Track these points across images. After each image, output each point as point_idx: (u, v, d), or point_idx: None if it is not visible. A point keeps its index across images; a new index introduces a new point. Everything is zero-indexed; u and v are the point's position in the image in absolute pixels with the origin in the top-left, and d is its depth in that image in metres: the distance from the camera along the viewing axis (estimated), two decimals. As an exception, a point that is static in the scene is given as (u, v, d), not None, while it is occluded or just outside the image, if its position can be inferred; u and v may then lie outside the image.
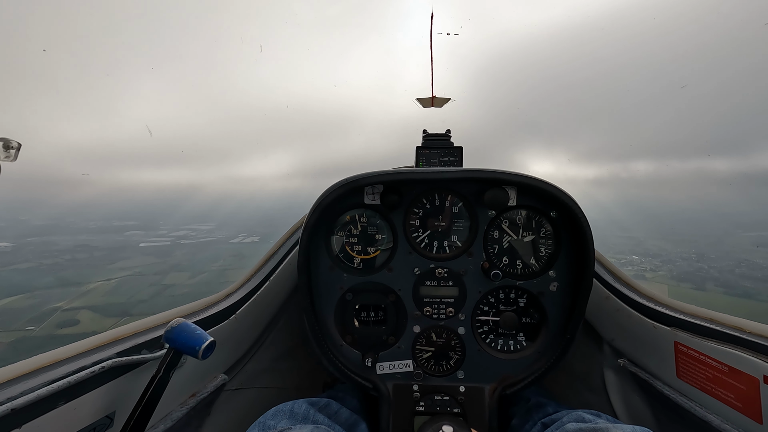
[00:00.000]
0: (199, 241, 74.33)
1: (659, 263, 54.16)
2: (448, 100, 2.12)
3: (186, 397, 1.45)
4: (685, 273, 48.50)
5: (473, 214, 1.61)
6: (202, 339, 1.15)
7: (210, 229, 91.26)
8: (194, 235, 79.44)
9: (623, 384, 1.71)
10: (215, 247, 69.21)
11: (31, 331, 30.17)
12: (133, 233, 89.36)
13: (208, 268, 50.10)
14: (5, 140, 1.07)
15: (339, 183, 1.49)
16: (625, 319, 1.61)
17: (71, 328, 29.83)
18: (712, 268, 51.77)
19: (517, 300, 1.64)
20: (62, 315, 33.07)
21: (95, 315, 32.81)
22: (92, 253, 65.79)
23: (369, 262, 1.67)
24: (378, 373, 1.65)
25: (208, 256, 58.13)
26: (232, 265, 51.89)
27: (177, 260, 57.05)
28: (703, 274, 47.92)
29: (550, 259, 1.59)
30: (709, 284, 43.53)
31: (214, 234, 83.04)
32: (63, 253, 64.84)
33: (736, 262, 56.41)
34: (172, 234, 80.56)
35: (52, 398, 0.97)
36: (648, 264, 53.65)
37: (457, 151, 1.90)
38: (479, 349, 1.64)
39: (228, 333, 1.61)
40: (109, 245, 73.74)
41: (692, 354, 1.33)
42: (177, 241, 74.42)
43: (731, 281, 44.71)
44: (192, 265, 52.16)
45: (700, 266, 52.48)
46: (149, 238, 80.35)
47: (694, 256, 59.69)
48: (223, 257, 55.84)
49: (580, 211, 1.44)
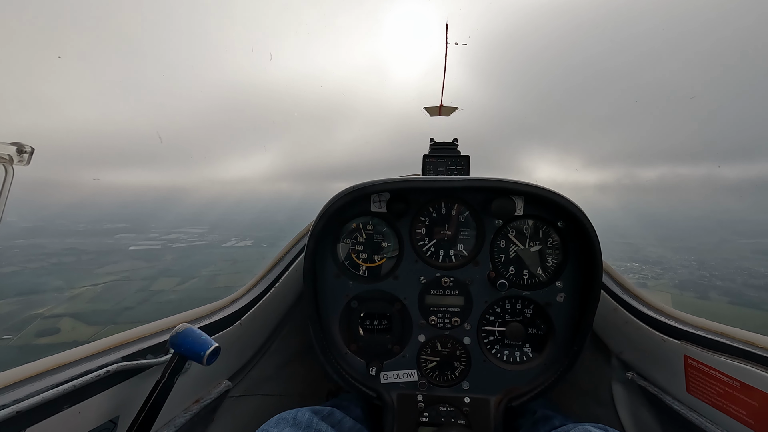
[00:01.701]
0: (191, 245, 72.98)
1: (660, 270, 53.62)
2: (455, 109, 2.10)
3: (190, 403, 1.46)
4: (687, 281, 47.89)
5: (480, 223, 1.62)
6: (207, 345, 1.15)
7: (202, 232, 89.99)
8: (186, 239, 78.15)
9: (632, 398, 1.71)
10: (207, 251, 67.89)
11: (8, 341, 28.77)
12: (123, 236, 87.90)
13: (198, 273, 48.78)
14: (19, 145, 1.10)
15: (346, 190, 1.50)
16: (634, 331, 1.60)
17: (51, 337, 28.51)
18: (713, 276, 51.21)
19: (523, 310, 1.64)
20: (42, 323, 31.76)
21: (77, 323, 31.50)
22: (80, 256, 64.35)
23: (375, 269, 1.68)
24: (382, 382, 1.65)
25: (200, 261, 56.82)
26: (224, 270, 50.67)
27: (167, 265, 55.69)
28: (705, 283, 47.33)
29: (557, 270, 1.60)
30: (712, 293, 42.90)
31: (206, 237, 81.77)
32: (49, 256, 63.33)
33: (737, 270, 56.04)
34: (164, 237, 79.22)
35: (57, 401, 0.98)
36: (649, 271, 53.07)
37: (464, 160, 1.90)
38: (485, 360, 1.64)
39: (233, 339, 1.61)
40: (98, 248, 72.18)
41: (703, 368, 1.32)
42: (168, 244, 73.02)
43: (734, 290, 44.15)
44: (182, 270, 50.89)
45: (701, 274, 51.91)
46: (139, 242, 78.89)
47: (695, 264, 59.22)
48: (215, 262, 54.54)
49: (588, 221, 1.45)
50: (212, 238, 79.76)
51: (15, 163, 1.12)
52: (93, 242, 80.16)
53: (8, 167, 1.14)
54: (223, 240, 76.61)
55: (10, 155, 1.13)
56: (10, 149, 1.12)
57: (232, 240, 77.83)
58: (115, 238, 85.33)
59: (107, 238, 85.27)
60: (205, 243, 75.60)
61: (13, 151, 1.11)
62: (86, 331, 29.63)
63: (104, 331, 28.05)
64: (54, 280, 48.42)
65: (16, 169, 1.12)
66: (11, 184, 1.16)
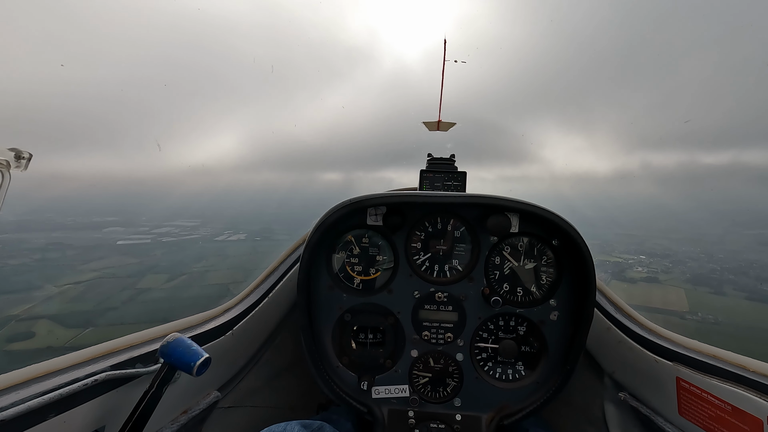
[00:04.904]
0: (182, 239, 70.63)
1: (669, 264, 52.06)
2: (453, 125, 2.13)
3: (177, 414, 1.45)
4: (699, 275, 46.42)
5: (475, 239, 1.65)
6: (198, 355, 1.16)
7: (194, 225, 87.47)
8: (177, 233, 75.88)
9: (624, 418, 1.72)
10: (199, 245, 65.60)
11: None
12: (112, 230, 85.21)
13: (189, 269, 46.59)
14: (16, 150, 1.11)
15: (343, 203, 1.52)
16: (627, 351, 1.62)
17: (24, 342, 26.40)
18: (725, 269, 49.72)
19: (517, 328, 1.66)
20: (16, 326, 29.74)
21: (54, 325, 29.40)
22: (65, 252, 61.78)
23: (369, 283, 1.69)
24: (373, 397, 1.66)
25: (191, 256, 54.63)
26: (216, 266, 48.56)
27: (156, 260, 53.47)
28: (717, 277, 45.90)
29: (551, 288, 1.62)
30: (727, 288, 41.40)
31: (198, 231, 79.33)
32: (33, 252, 60.81)
33: (746, 263, 54.66)
34: (154, 231, 76.75)
35: (43, 410, 0.98)
36: (657, 265, 51.41)
37: (461, 176, 1.93)
38: (477, 377, 1.65)
39: (224, 349, 1.62)
40: (85, 243, 69.62)
41: (694, 391, 1.34)
42: (158, 238, 70.60)
43: (749, 285, 42.69)
44: (172, 266, 48.77)
45: (712, 267, 50.43)
46: (129, 236, 76.35)
47: (704, 256, 57.76)
48: (206, 257, 52.41)
49: (582, 240, 1.47)
50: (204, 232, 77.41)
51: (12, 169, 1.12)
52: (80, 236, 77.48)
53: (5, 173, 1.14)
54: (216, 234, 74.33)
55: (8, 161, 1.13)
56: (8, 155, 1.13)
57: (224, 234, 75.55)
58: (103, 232, 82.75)
59: (95, 232, 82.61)
60: (197, 237, 73.27)
61: (11, 157, 1.11)
62: (63, 334, 27.64)
63: (83, 335, 26.06)
64: (34, 278, 46.10)
65: (13, 174, 1.13)
66: (8, 189, 1.16)
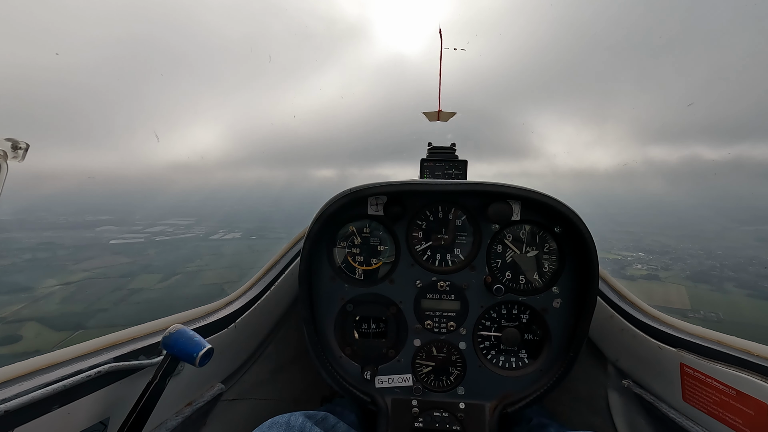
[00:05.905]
0: (176, 238, 69.58)
1: (669, 261, 51.85)
2: (453, 114, 2.11)
3: (182, 406, 1.46)
4: (699, 272, 46.24)
5: (477, 227, 1.64)
6: (200, 346, 1.15)
7: (189, 224, 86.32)
8: (171, 231, 74.81)
9: (628, 406, 1.72)
10: (193, 244, 64.61)
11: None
12: (105, 229, 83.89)
13: (183, 269, 45.70)
14: (13, 141, 1.10)
15: (343, 193, 1.52)
16: (630, 339, 1.62)
17: (10, 346, 25.56)
18: (724, 266, 49.55)
19: (519, 316, 1.67)
20: (3, 329, 28.82)
21: (43, 328, 28.62)
22: (56, 251, 60.57)
23: (371, 273, 1.69)
24: (377, 386, 1.67)
25: (185, 255, 53.72)
26: (210, 265, 47.71)
27: (149, 260, 52.52)
28: (717, 274, 45.75)
29: (553, 276, 1.62)
30: (728, 285, 41.21)
31: (193, 229, 78.26)
32: (23, 252, 59.53)
33: (746, 259, 54.57)
34: (148, 230, 75.57)
35: (47, 401, 0.99)
36: (657, 262, 51.10)
37: (462, 164, 1.93)
38: (480, 365, 1.66)
39: (227, 342, 1.63)
40: (77, 243, 68.31)
41: (699, 377, 1.34)
42: (152, 237, 69.46)
43: (750, 282, 42.52)
44: (165, 265, 47.94)
45: (712, 264, 50.27)
46: (122, 235, 75.12)
47: (703, 253, 57.58)
48: (201, 256, 51.54)
49: (584, 227, 1.47)
50: (199, 230, 76.36)
51: (9, 159, 1.10)
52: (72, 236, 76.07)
53: (2, 163, 1.12)
54: (211, 232, 73.34)
55: (5, 151, 1.11)
56: (5, 145, 1.11)
57: (219, 232, 74.60)
58: (96, 231, 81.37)
59: (88, 232, 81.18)
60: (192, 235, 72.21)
61: (8, 147, 1.10)
62: (52, 338, 26.88)
63: (72, 338, 25.15)
64: (23, 279, 45.05)
65: (10, 164, 1.11)
66: (5, 180, 1.14)
